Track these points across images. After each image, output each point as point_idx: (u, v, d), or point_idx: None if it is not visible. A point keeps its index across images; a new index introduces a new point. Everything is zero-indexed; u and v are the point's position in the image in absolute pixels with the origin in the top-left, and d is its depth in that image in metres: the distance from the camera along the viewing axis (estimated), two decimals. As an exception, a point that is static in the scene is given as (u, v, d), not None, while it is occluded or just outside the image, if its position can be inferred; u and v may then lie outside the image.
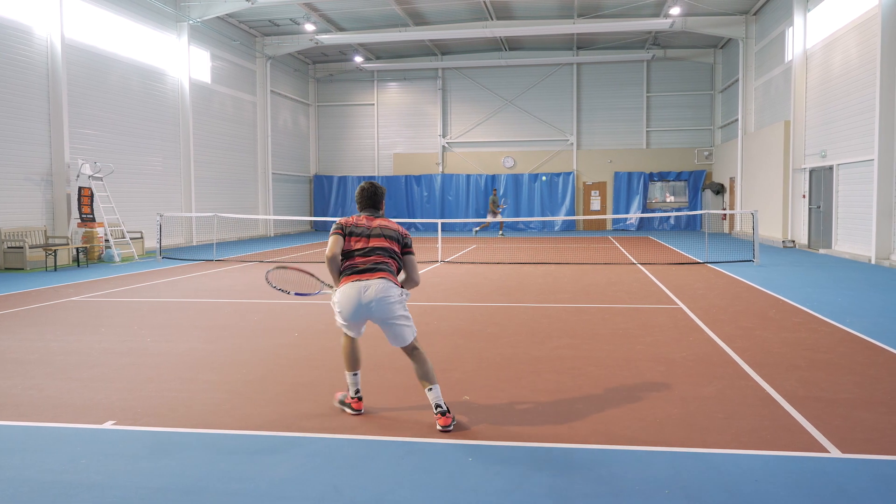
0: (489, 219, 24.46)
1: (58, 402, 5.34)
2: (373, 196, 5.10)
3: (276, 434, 4.60)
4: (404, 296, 4.86)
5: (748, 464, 4.01)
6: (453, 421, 4.67)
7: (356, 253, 4.86)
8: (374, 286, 4.71)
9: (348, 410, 5.00)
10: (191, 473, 3.97)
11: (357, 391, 5.02)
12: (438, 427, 4.61)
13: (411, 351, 4.85)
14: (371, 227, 4.94)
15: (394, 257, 4.92)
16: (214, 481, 3.86)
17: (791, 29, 20.97)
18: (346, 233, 4.92)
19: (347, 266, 4.85)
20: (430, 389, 4.71)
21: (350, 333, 5.00)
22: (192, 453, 4.28)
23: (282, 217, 20.89)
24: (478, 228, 29.02)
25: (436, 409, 4.66)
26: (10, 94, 16.42)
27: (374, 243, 4.88)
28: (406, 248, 5.01)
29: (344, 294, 4.76)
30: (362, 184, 5.14)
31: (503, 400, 5.33)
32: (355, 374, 5.03)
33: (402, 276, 5.04)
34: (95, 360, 6.73)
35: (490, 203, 27.42)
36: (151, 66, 21.93)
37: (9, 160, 16.34)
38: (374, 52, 32.10)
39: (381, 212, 5.16)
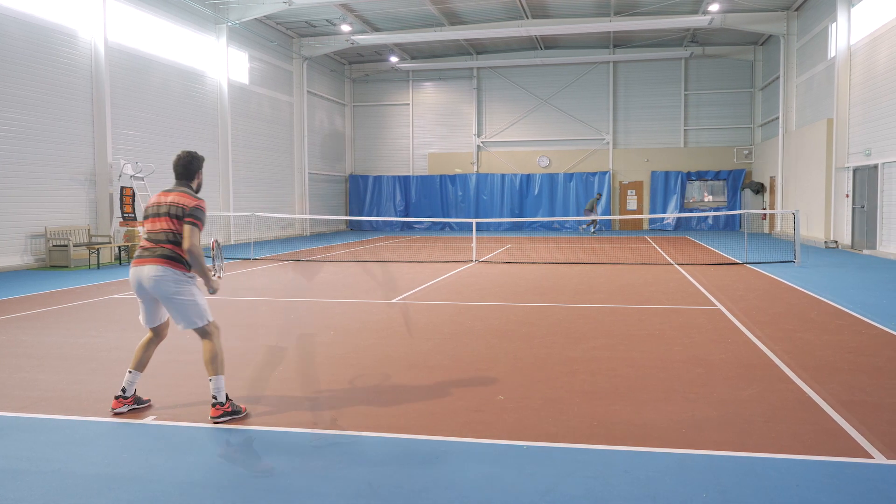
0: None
1: (101, 396, 5.46)
2: (180, 165, 4.98)
3: (315, 432, 4.65)
4: (186, 277, 4.83)
5: (788, 468, 3.93)
6: (224, 415, 4.79)
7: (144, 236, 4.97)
8: (147, 272, 4.78)
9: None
10: (227, 470, 4.03)
11: (123, 389, 5.05)
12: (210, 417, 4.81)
13: (202, 336, 4.95)
14: (159, 206, 4.88)
15: (171, 240, 4.82)
16: (250, 477, 3.92)
17: (834, 25, 20.49)
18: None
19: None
20: (210, 379, 4.86)
21: (142, 320, 5.07)
22: (229, 449, 4.35)
23: (318, 216, 21.04)
24: None
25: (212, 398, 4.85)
26: (55, 96, 16.84)
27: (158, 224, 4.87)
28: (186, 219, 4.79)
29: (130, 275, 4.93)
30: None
31: (538, 400, 5.31)
32: (130, 372, 5.06)
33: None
34: (137, 356, 6.85)
35: None
36: (191, 68, 22.31)
37: (54, 161, 16.76)
38: (409, 52, 32.20)
39: (191, 182, 5.00)
